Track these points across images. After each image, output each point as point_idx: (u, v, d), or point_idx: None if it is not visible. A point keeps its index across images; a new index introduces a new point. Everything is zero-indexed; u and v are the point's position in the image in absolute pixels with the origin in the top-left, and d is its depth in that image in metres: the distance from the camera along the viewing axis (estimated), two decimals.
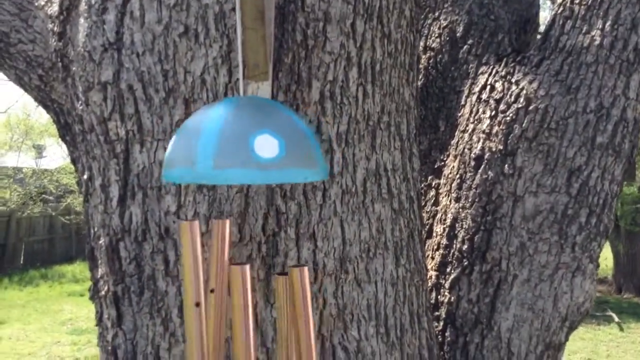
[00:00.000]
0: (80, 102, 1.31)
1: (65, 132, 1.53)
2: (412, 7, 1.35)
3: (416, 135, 1.45)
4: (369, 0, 1.21)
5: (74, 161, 1.52)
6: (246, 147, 0.82)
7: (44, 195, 15.74)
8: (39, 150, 19.00)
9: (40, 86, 1.53)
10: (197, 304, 0.95)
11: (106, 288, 1.29)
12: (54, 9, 1.43)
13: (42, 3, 1.49)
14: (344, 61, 1.20)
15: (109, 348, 1.28)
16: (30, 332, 8.91)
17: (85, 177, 1.34)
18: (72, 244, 15.54)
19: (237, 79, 1.14)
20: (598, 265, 1.69)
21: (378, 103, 1.27)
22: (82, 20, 1.29)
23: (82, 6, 1.29)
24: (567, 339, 1.66)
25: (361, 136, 1.25)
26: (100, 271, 1.32)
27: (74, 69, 1.33)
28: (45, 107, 1.58)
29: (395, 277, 1.32)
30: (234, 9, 1.12)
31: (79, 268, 14.12)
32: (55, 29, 1.40)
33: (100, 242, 1.30)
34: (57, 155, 17.85)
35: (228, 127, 0.85)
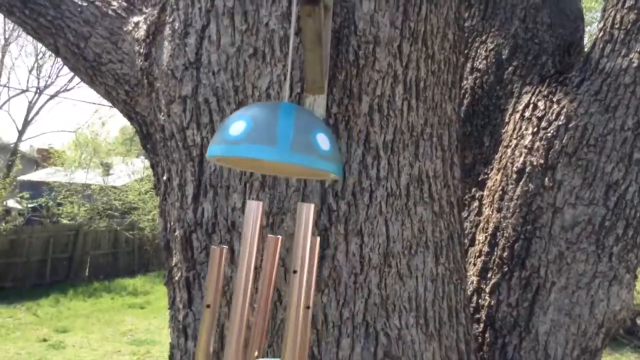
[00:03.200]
0: (162, 113, 1.52)
1: (146, 141, 1.75)
2: (455, 31, 1.50)
3: (457, 147, 1.59)
4: (414, 25, 1.37)
5: (153, 166, 1.73)
6: (312, 140, 0.99)
7: (109, 211, 16.47)
8: (107, 168, 19.87)
9: (126, 100, 1.76)
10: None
11: (179, 274, 1.48)
12: (140, 33, 1.65)
13: (130, 28, 1.72)
14: (390, 78, 1.36)
15: (180, 327, 1.46)
16: (92, 341, 9.34)
17: (164, 178, 1.55)
18: (134, 259, 16.12)
19: (297, 93, 1.32)
20: (636, 277, 1.76)
21: (422, 116, 1.42)
22: (166, 43, 1.50)
23: (167, 31, 1.50)
24: (603, 345, 1.73)
25: (405, 145, 1.40)
26: (175, 260, 1.51)
27: (157, 85, 1.55)
28: (130, 119, 1.81)
29: (434, 274, 1.45)
30: (296, 33, 1.31)
31: (140, 282, 14.63)
32: (142, 50, 1.62)
33: (176, 234, 1.49)
34: (123, 174, 18.65)
35: (299, 121, 1.01)
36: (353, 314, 1.36)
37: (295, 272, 0.98)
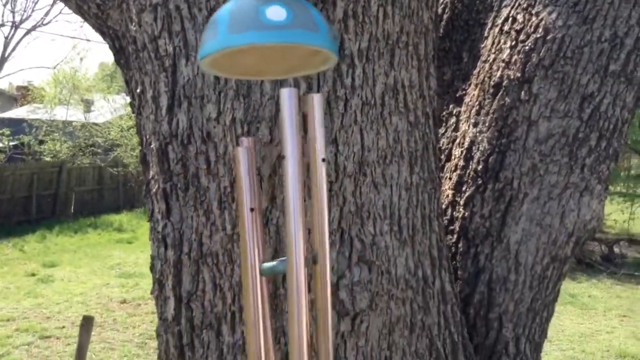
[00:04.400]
0: (133, 24, 1.49)
1: (119, 56, 1.71)
2: None
3: (434, 57, 1.58)
4: None
5: (127, 82, 1.71)
6: (257, 15, 0.95)
7: (92, 148, 16.33)
8: (87, 104, 19.56)
9: (98, 14, 1.71)
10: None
11: (157, 186, 1.49)
12: None
13: None
14: None
15: (160, 237, 1.48)
16: (81, 275, 9.46)
17: (138, 91, 1.53)
18: (119, 195, 16.13)
19: None
20: (607, 187, 1.80)
21: (397, 23, 1.40)
22: None
23: None
24: (572, 254, 1.79)
25: (380, 53, 1.39)
26: (152, 172, 1.51)
27: None
28: (102, 33, 1.77)
29: (409, 182, 1.47)
30: None
31: (126, 218, 14.71)
32: None
33: (152, 146, 1.49)
34: (104, 110, 18.40)
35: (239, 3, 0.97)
36: (328, 221, 1.38)
37: (283, 157, 1.01)
